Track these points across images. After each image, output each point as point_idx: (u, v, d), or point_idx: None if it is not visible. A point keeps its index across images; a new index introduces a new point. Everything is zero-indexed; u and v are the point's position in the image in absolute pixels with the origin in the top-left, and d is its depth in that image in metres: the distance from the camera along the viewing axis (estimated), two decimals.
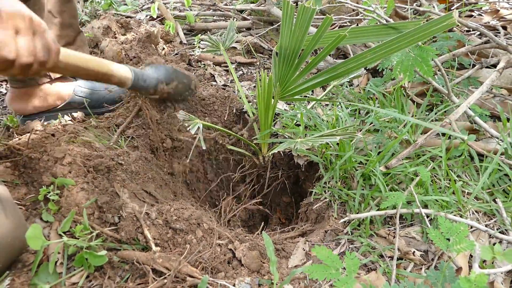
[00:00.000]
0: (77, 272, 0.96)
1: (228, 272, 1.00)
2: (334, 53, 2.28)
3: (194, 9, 2.91)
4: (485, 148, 1.33)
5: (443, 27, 1.02)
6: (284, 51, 1.20)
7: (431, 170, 1.28)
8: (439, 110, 1.50)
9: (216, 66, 2.15)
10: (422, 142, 1.29)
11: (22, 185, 1.14)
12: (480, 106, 1.52)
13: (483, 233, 1.10)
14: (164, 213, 1.07)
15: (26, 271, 0.94)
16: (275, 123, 1.64)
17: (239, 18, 2.67)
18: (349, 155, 1.26)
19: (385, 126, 1.43)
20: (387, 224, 1.17)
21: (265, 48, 2.39)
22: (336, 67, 1.18)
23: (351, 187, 1.27)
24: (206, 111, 1.67)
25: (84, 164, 1.14)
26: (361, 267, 1.04)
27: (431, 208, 1.16)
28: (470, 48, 1.68)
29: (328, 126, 1.47)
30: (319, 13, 2.48)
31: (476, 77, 1.64)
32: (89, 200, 1.08)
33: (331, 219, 1.19)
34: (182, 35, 2.46)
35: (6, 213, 0.91)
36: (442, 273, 0.87)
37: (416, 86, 1.74)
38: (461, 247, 0.86)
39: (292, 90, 1.28)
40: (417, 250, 1.07)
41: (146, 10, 2.83)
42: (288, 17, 1.15)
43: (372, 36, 1.25)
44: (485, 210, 1.17)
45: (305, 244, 1.12)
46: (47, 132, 1.26)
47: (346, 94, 1.75)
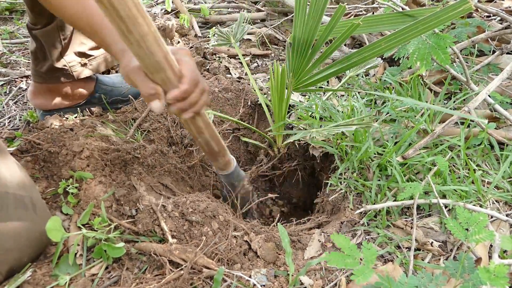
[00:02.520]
0: (96, 264, 0.98)
1: (244, 263, 1.01)
2: (350, 43, 2.25)
3: (209, 1, 2.91)
4: (506, 136, 1.30)
5: (459, 12, 0.99)
6: (298, 41, 1.19)
7: (449, 159, 1.25)
8: (457, 98, 1.46)
9: (231, 59, 2.15)
10: (440, 131, 1.27)
11: (42, 178, 1.17)
12: (501, 94, 1.48)
13: (504, 223, 1.08)
14: (180, 205, 1.08)
15: (47, 262, 0.96)
16: (290, 115, 1.63)
17: (254, 9, 2.66)
18: (366, 146, 1.25)
19: (401, 116, 1.41)
20: (404, 215, 1.16)
21: (280, 40, 2.37)
22: (350, 56, 1.16)
23: (367, 178, 1.26)
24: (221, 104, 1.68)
25: (101, 158, 1.16)
26: (378, 258, 1.03)
27: (449, 198, 1.14)
28: (490, 34, 1.63)
29: (343, 117, 1.46)
30: (334, 2, 2.45)
31: (496, 64, 1.59)
32: (107, 193, 1.10)
33: (347, 210, 1.18)
34: (197, 28, 2.46)
35: (36, 209, 0.94)
36: (461, 263, 0.86)
37: (434, 74, 1.70)
38: (480, 237, 0.85)
39: (306, 81, 1.27)
40: (435, 241, 1.05)
41: (161, 4, 2.84)
42: (301, 7, 1.14)
43: (387, 25, 1.22)
44: (506, 199, 1.15)
45: (321, 236, 1.11)
46: (65, 127, 1.28)
47: (362, 84, 1.73)
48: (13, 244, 0.88)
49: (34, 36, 1.36)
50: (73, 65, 1.43)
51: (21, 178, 0.94)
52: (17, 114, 1.64)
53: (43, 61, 1.40)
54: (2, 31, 2.27)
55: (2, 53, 2.08)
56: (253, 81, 1.49)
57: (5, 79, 1.89)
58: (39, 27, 1.33)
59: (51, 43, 1.36)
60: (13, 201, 0.88)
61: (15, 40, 2.26)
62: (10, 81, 1.88)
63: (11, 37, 2.31)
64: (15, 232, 0.88)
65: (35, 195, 0.97)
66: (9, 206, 0.87)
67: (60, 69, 1.41)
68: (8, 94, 1.78)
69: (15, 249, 0.89)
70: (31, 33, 1.36)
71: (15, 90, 1.80)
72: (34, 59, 1.41)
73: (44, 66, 1.40)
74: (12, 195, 0.89)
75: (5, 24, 2.59)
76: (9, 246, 0.88)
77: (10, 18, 2.67)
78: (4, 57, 2.06)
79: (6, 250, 0.87)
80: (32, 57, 1.42)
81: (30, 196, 0.94)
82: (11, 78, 1.89)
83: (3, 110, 1.68)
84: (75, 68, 1.44)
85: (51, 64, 1.39)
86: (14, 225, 0.88)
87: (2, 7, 2.67)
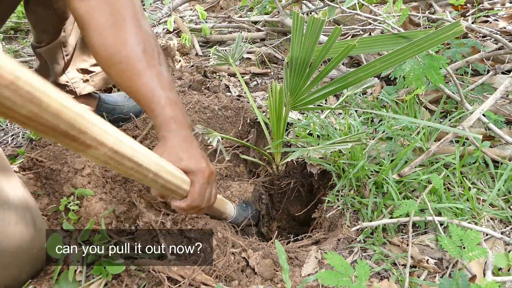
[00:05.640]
0: (96, 280, 0.99)
1: (241, 280, 1.02)
2: (347, 62, 2.29)
3: (210, 21, 2.97)
4: (500, 155, 1.32)
5: (451, 34, 1.02)
6: (295, 61, 1.23)
7: (444, 177, 1.27)
8: (453, 117, 1.49)
9: (231, 77, 2.19)
10: (435, 150, 1.29)
11: (44, 195, 1.19)
12: (496, 113, 1.51)
13: (499, 241, 1.09)
14: (179, 222, 1.10)
15: (47, 279, 0.98)
16: (288, 133, 1.66)
17: (254, 29, 2.71)
18: (362, 164, 1.27)
19: (397, 134, 1.43)
20: (401, 232, 1.17)
21: (279, 58, 2.42)
22: (346, 76, 1.19)
23: (364, 195, 1.27)
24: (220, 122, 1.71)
25: (102, 175, 1.18)
26: (374, 275, 1.04)
27: (444, 216, 1.16)
28: (484, 55, 1.67)
29: (340, 134, 1.49)
30: (332, 23, 2.50)
31: (491, 83, 1.62)
32: (107, 210, 1.11)
33: (344, 227, 1.20)
34: (197, 47, 2.51)
35: (36, 225, 0.96)
36: (454, 281, 0.87)
37: (430, 93, 1.73)
38: (474, 255, 0.86)
39: (303, 100, 1.30)
40: (431, 258, 1.07)
41: (163, 24, 2.90)
42: (298, 28, 1.17)
43: (382, 46, 1.26)
44: (500, 217, 1.16)
45: (318, 253, 1.13)
46: None
47: (359, 102, 1.76)
48: (12, 261, 0.89)
49: (38, 54, 1.40)
50: (75, 81, 1.47)
51: (23, 195, 0.96)
52: (20, 132, 1.67)
53: (46, 78, 1.44)
54: (7, 50, 2.32)
55: None
56: (252, 100, 1.52)
57: None
58: (43, 45, 1.37)
59: (54, 59, 1.40)
60: (14, 218, 0.90)
61: (20, 58, 2.31)
62: None
63: (16, 56, 2.36)
64: (15, 248, 0.89)
65: (35, 212, 0.99)
66: (10, 223, 0.89)
67: (63, 86, 1.45)
68: None
69: (14, 265, 0.90)
70: (35, 51, 1.40)
71: None
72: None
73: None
74: (14, 212, 0.90)
75: (10, 43, 2.65)
76: (8, 263, 0.88)
77: (15, 37, 2.73)
78: None
79: (4, 266, 0.88)
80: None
81: (31, 212, 0.96)
82: None
83: (6, 128, 1.71)
84: (77, 84, 1.47)
85: (54, 80, 1.43)
86: (14, 241, 0.89)
87: (7, 26, 2.73)
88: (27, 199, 0.97)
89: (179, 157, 0.89)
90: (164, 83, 0.95)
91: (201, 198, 0.92)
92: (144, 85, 0.93)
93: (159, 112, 0.93)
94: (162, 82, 0.95)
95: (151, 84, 0.93)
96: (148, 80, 0.93)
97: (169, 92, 0.95)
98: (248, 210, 1.41)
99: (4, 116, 0.45)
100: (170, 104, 0.93)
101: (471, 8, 2.30)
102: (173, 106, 0.94)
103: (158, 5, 3.77)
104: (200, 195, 0.91)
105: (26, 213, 0.93)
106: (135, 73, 0.93)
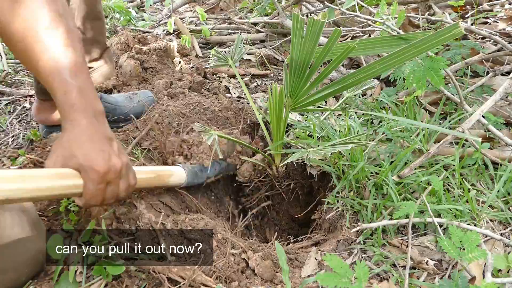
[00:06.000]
0: (96, 281, 0.99)
1: (241, 281, 1.02)
2: (347, 64, 2.30)
3: (210, 23, 2.98)
4: (500, 156, 1.32)
5: (450, 36, 1.03)
6: (295, 63, 1.23)
7: (444, 179, 1.27)
8: (452, 118, 1.49)
9: (231, 79, 2.19)
10: (435, 151, 1.30)
11: None
12: (495, 114, 1.51)
13: (498, 242, 1.09)
14: (179, 223, 1.10)
15: (48, 280, 0.98)
16: (288, 134, 1.66)
17: (254, 30, 2.72)
18: (361, 165, 1.27)
19: (397, 136, 1.44)
20: (400, 233, 1.18)
21: (279, 60, 2.42)
22: (345, 78, 1.20)
23: (364, 197, 1.28)
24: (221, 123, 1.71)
25: None
26: (373, 277, 1.05)
27: (444, 217, 1.16)
28: (483, 56, 1.67)
29: (340, 136, 1.49)
30: (332, 24, 2.51)
31: (490, 85, 1.63)
32: (108, 211, 1.11)
33: (344, 229, 1.20)
34: (197, 49, 2.52)
35: (32, 226, 0.95)
36: (454, 282, 0.87)
37: (430, 95, 1.74)
38: (473, 256, 0.86)
39: (303, 101, 1.30)
40: (430, 260, 1.07)
41: (163, 25, 2.91)
42: (298, 30, 1.18)
43: (381, 47, 1.26)
44: (500, 218, 1.16)
45: (318, 254, 1.13)
46: None
47: (359, 104, 1.76)
48: (10, 264, 0.89)
49: None
50: None
51: None
52: (21, 133, 1.67)
53: None
54: (7, 51, 2.32)
55: (6, 72, 2.12)
56: (252, 101, 1.52)
57: (10, 98, 1.92)
58: None
59: None
60: (10, 221, 0.89)
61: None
62: (14, 101, 1.92)
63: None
64: (12, 252, 0.89)
65: (32, 214, 0.98)
66: (6, 227, 0.88)
67: None
68: (12, 113, 1.82)
69: (12, 269, 0.90)
70: None
71: (19, 109, 1.84)
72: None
73: None
74: (9, 216, 0.89)
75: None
76: (6, 267, 0.88)
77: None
78: (9, 77, 2.10)
79: (2, 270, 0.88)
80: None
81: (27, 215, 0.95)
82: (15, 98, 1.93)
83: (7, 129, 1.71)
84: None
85: None
86: (11, 245, 0.88)
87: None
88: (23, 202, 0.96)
89: (71, 154, 0.83)
90: (68, 64, 0.84)
91: (97, 198, 0.86)
92: (43, 68, 0.83)
93: (59, 99, 0.84)
94: (63, 63, 0.84)
95: (51, 67, 0.83)
96: (46, 64, 0.83)
97: (73, 75, 0.84)
98: (219, 165, 1.45)
99: None
100: (72, 90, 0.84)
101: (471, 9, 2.31)
102: (76, 91, 0.84)
103: (158, 6, 3.78)
104: (94, 196, 0.85)
105: (22, 216, 0.93)
106: (35, 53, 0.83)
